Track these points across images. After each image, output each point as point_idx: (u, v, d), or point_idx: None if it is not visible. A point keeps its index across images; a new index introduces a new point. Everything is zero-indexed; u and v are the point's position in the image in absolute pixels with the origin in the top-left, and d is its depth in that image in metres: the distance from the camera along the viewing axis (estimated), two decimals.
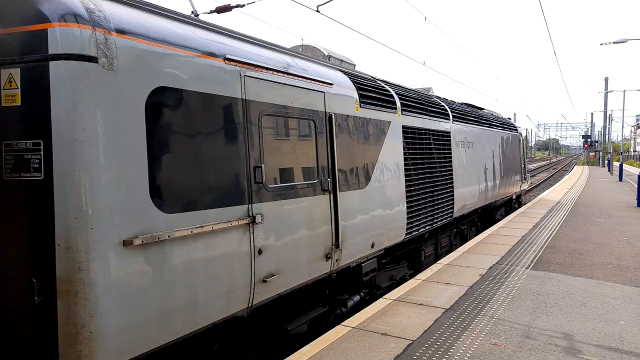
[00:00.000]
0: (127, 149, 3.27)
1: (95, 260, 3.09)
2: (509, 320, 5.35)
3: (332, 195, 5.55)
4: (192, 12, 8.79)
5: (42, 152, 3.04)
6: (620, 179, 29.30)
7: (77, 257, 3.04)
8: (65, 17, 3.01)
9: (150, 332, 3.42)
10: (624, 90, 36.91)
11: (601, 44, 21.81)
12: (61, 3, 3.05)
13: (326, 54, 8.25)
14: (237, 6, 8.52)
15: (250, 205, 4.29)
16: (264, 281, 4.45)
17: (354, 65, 9.01)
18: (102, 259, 3.11)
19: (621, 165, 30.13)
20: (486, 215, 13.64)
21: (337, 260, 5.70)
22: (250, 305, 4.36)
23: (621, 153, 33.00)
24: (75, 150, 3.02)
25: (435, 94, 14.15)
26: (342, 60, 8.59)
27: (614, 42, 20.82)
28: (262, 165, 4.42)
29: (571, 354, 4.48)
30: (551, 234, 10.77)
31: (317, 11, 8.14)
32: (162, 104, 3.53)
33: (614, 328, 5.13)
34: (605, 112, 45.37)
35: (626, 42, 20.09)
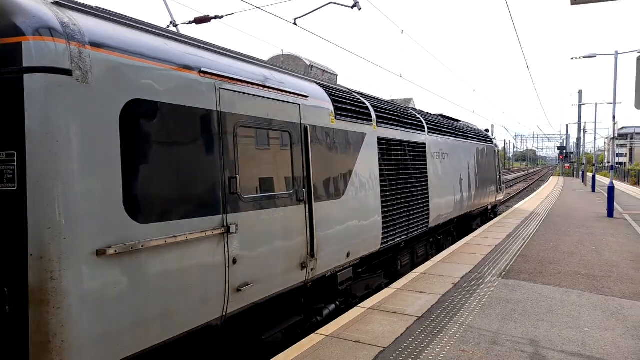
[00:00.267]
0: (101, 160, 3.33)
1: (68, 270, 3.12)
2: (478, 327, 5.50)
3: (307, 206, 5.65)
4: (171, 22, 8.86)
5: (15, 163, 3.08)
6: (593, 190, 30.09)
7: (49, 266, 3.07)
8: (39, 30, 3.08)
9: (122, 341, 3.45)
10: (596, 103, 38.08)
11: (572, 58, 22.63)
12: (36, 17, 3.11)
13: (308, 64, 8.39)
14: (216, 17, 8.62)
15: (225, 215, 4.36)
16: (238, 290, 4.51)
17: (336, 76, 9.17)
18: (74, 268, 3.15)
19: (594, 177, 30.94)
20: (462, 225, 13.90)
21: (312, 270, 5.79)
22: (224, 314, 4.42)
23: (594, 164, 33.92)
24: (49, 162, 3.07)
25: (415, 105, 14.42)
26: (324, 71, 8.74)
27: (583, 57, 21.62)
28: (237, 176, 4.50)
29: None
30: (524, 243, 11.05)
31: (295, 24, 8.30)
32: (137, 116, 3.60)
33: (578, 334, 5.32)
34: (579, 124, 46.64)
35: (595, 57, 20.88)
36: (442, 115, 13.95)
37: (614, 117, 17.81)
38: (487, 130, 18.97)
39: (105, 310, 3.32)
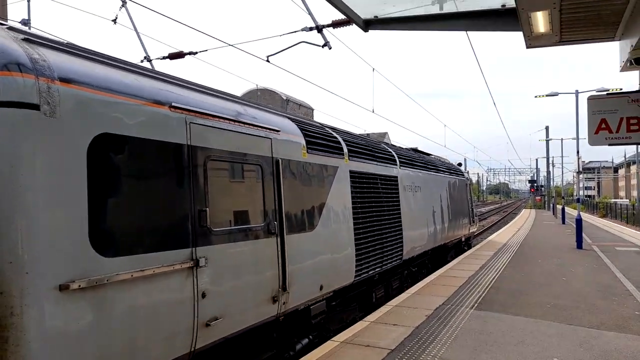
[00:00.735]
0: (67, 194, 3.31)
1: (30, 306, 3.05)
2: (450, 359, 5.51)
3: (279, 238, 5.66)
4: (145, 58, 8.96)
5: None
6: (563, 222, 30.82)
7: (9, 302, 3.00)
8: (8, 66, 3.11)
9: None
10: (562, 139, 39.71)
11: (535, 97, 23.77)
12: (5, 53, 3.15)
13: (285, 98, 8.56)
14: (190, 53, 8.78)
15: (194, 248, 4.34)
16: (207, 325, 4.44)
17: (312, 110, 9.35)
18: (36, 304, 3.08)
19: (563, 209, 31.75)
20: (437, 257, 14.01)
21: (284, 303, 5.75)
22: (192, 350, 4.33)
23: (562, 197, 34.95)
24: (13, 195, 3.04)
25: (390, 139, 14.73)
26: (300, 105, 8.92)
27: (546, 95, 22.74)
28: (207, 209, 4.51)
29: None
30: (496, 275, 11.19)
31: (267, 61, 8.51)
32: (105, 150, 3.62)
33: None
34: (547, 159, 48.15)
35: (557, 95, 22.00)
36: (414, 149, 14.27)
37: (577, 152, 18.54)
38: (459, 164, 19.43)
39: (67, 347, 3.23)
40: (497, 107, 21.15)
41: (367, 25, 6.49)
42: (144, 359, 3.80)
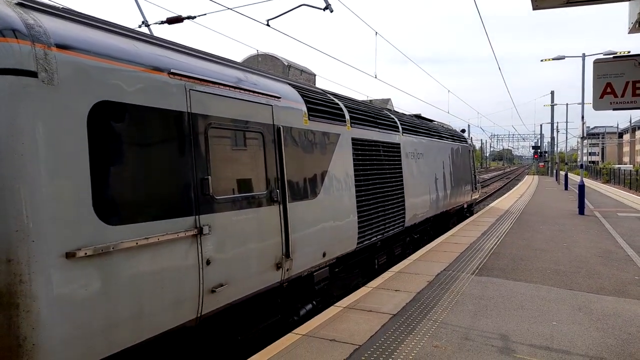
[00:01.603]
0: (69, 162, 3.30)
1: (37, 273, 3.10)
2: (451, 323, 5.61)
3: (281, 206, 5.68)
4: (143, 22, 8.79)
5: None
6: (566, 188, 30.83)
7: (17, 269, 3.04)
8: (2, 32, 3.05)
9: (96, 343, 3.43)
10: (567, 104, 39.31)
11: (542, 60, 23.40)
12: None
13: (286, 64, 8.43)
14: (189, 17, 8.60)
15: (197, 216, 4.36)
16: (212, 291, 4.51)
17: (314, 76, 9.22)
18: (44, 271, 3.13)
19: (566, 175, 31.72)
20: (439, 224, 14.09)
21: (288, 270, 5.82)
22: (199, 315, 4.41)
23: (566, 163, 34.88)
24: (15, 164, 3.04)
25: (393, 105, 14.58)
26: (302, 71, 8.79)
27: (552, 59, 22.41)
28: (209, 177, 4.50)
29: (505, 354, 4.76)
30: (497, 241, 11.28)
31: (268, 25, 8.33)
32: (105, 118, 3.58)
33: (546, 328, 5.47)
34: (552, 124, 47.75)
35: (564, 58, 21.67)
36: (417, 116, 14.14)
37: (582, 117, 18.37)
38: (463, 131, 19.30)
39: (77, 312, 3.30)
40: (502, 73, 20.85)
41: None
42: (151, 325, 3.88)
